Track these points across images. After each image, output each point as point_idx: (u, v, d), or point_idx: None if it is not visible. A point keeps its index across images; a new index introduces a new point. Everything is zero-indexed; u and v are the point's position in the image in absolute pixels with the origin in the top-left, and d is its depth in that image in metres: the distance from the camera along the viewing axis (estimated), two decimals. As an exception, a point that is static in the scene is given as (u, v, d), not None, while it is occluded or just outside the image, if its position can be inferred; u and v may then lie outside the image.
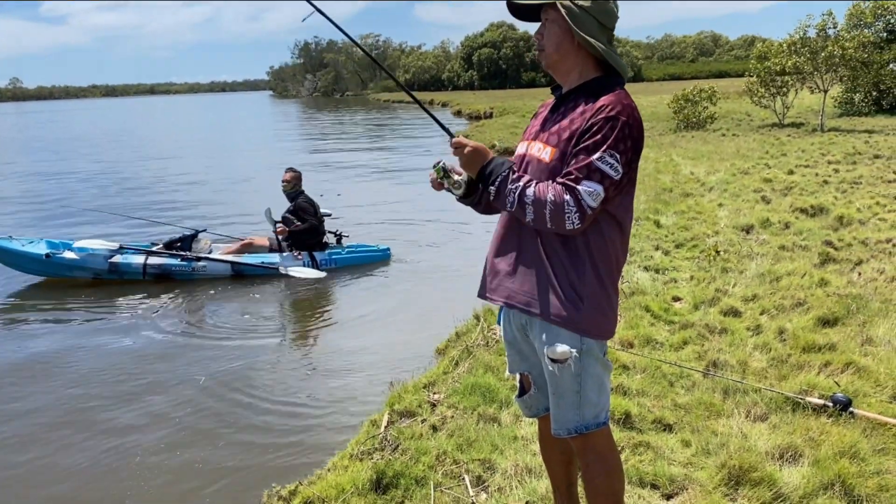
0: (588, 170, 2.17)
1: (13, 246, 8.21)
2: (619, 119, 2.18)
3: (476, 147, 2.39)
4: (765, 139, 18.12)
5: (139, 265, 8.22)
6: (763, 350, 4.70)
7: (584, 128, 2.21)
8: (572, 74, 2.38)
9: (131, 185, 16.90)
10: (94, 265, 8.18)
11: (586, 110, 2.24)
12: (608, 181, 2.17)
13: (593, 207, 2.18)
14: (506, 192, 2.28)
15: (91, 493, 4.04)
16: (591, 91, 2.30)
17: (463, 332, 5.68)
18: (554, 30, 2.36)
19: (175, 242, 8.45)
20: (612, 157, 2.17)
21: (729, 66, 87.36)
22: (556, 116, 2.38)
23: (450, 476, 3.41)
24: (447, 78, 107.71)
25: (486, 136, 23.91)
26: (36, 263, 8.18)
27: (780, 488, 3.08)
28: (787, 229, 8.18)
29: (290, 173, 8.71)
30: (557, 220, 2.19)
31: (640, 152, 2.27)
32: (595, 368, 2.37)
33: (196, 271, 8.29)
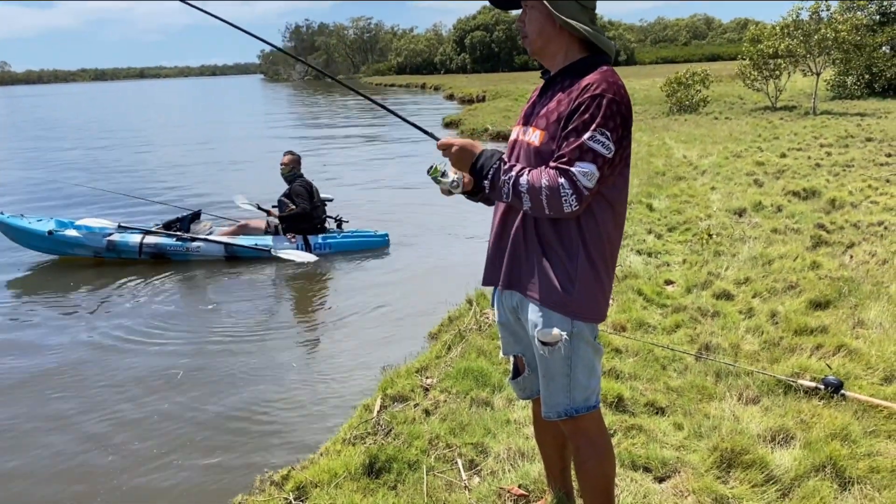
0: (580, 151, 2.15)
1: (20, 223, 8.43)
2: (605, 96, 2.15)
3: (462, 144, 2.37)
4: (757, 122, 18.12)
5: (136, 244, 8.28)
6: (755, 333, 4.72)
7: (572, 108, 2.19)
8: (558, 57, 2.36)
9: (125, 171, 16.77)
10: (93, 243, 8.28)
11: (572, 91, 2.22)
12: (601, 160, 2.15)
13: (589, 188, 2.15)
14: (500, 184, 2.26)
15: (79, 478, 4.02)
16: (576, 72, 2.28)
17: (456, 316, 5.68)
18: (535, 15, 2.34)
19: (174, 223, 8.55)
20: (603, 136, 2.15)
21: (722, 50, 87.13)
22: (544, 100, 2.36)
23: (443, 460, 3.41)
24: (439, 61, 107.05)
25: (479, 119, 23.84)
26: (40, 240, 8.35)
27: (771, 470, 3.10)
28: (779, 212, 8.19)
29: (289, 156, 8.66)
30: (555, 204, 2.16)
31: (630, 129, 2.24)
32: (585, 352, 2.37)
33: (190, 252, 8.31)
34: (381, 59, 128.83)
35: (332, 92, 66.72)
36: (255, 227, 8.65)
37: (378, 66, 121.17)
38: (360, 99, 53.30)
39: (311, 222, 8.58)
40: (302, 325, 6.67)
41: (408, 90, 63.95)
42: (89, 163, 18.79)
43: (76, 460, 4.22)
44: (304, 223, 8.52)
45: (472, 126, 22.59)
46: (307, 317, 6.93)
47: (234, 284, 7.72)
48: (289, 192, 8.54)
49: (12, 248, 8.67)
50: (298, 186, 8.48)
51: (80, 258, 8.42)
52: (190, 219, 8.67)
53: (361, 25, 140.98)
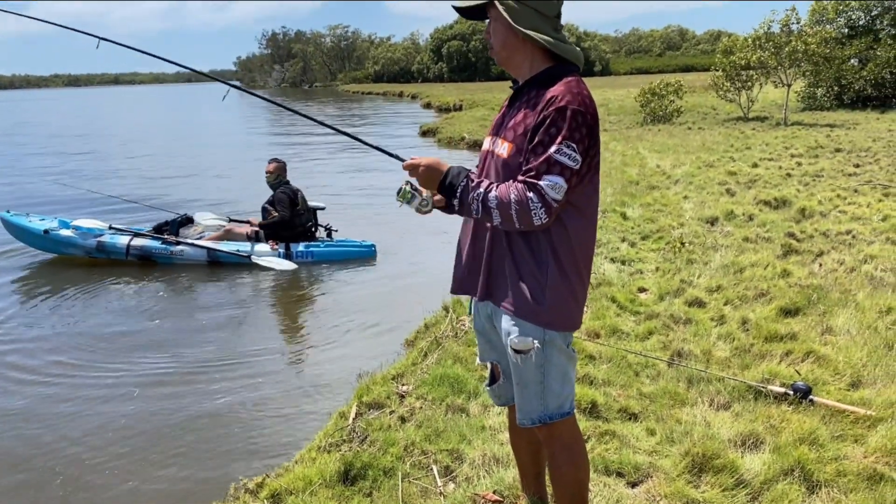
0: (547, 164, 2.16)
1: (21, 221, 8.70)
2: (569, 108, 2.17)
3: (429, 164, 2.38)
4: (730, 133, 18.38)
5: (123, 246, 8.40)
6: (727, 340, 4.79)
7: (538, 122, 2.21)
8: (523, 68, 2.37)
9: (121, 176, 16.66)
10: (84, 243, 8.44)
11: (538, 103, 2.23)
12: (569, 172, 2.17)
13: (558, 200, 2.18)
14: (469, 201, 2.27)
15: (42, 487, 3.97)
16: (541, 83, 2.29)
17: (432, 323, 5.69)
18: (497, 27, 2.36)
19: (164, 226, 8.65)
20: (570, 148, 2.16)
21: (695, 61, 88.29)
22: (512, 111, 2.37)
23: (418, 467, 3.42)
24: (416, 70, 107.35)
25: (456, 128, 23.92)
26: (38, 239, 8.61)
27: (741, 475, 3.14)
28: (750, 221, 8.31)
29: (274, 164, 8.63)
30: (524, 218, 2.18)
31: (596, 138, 2.26)
32: (558, 359, 2.39)
33: (174, 255, 8.36)
34: (358, 67, 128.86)
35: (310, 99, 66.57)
36: (239, 233, 8.64)
37: (355, 74, 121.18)
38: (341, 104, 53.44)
39: (293, 230, 8.53)
40: (277, 332, 6.65)
41: (385, 98, 64.00)
42: (83, 168, 18.63)
43: (37, 469, 4.16)
44: (285, 231, 8.48)
45: (450, 134, 22.67)
46: (282, 324, 6.92)
47: (213, 290, 7.70)
48: (272, 198, 8.51)
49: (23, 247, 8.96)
50: (281, 193, 8.45)
51: (76, 257, 8.59)
52: (180, 222, 8.72)
53: (339, 33, 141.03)
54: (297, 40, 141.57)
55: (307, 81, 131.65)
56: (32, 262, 8.76)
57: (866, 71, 24.06)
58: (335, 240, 8.86)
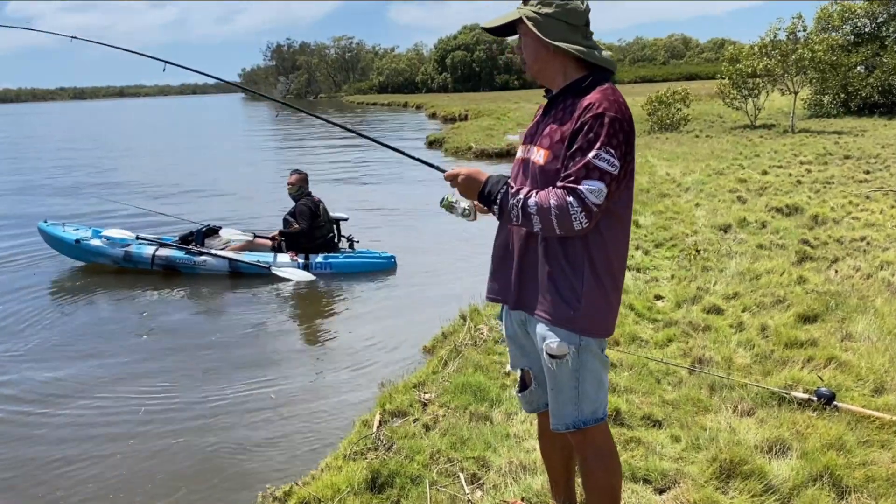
0: (587, 169, 2.19)
1: (54, 231, 8.96)
2: (607, 115, 2.20)
3: (468, 174, 2.41)
4: (738, 140, 18.38)
5: (148, 256, 8.54)
6: (746, 346, 4.79)
7: (575, 128, 2.24)
8: (557, 79, 2.40)
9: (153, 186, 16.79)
10: (112, 253, 8.64)
11: (574, 111, 2.27)
12: (608, 177, 2.19)
13: (598, 205, 2.20)
14: (508, 208, 2.29)
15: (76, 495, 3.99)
16: (577, 91, 2.32)
17: (449, 332, 5.71)
18: (527, 42, 2.40)
19: (189, 236, 8.75)
20: (608, 153, 2.19)
21: (699, 69, 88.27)
22: (547, 119, 2.40)
23: (444, 474, 3.42)
24: (421, 80, 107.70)
25: (463, 138, 23.97)
26: (70, 248, 8.84)
27: (770, 480, 3.14)
28: (763, 228, 8.31)
29: (296, 175, 8.65)
30: (565, 223, 2.20)
31: (633, 144, 2.29)
32: (593, 365, 2.40)
33: (197, 266, 8.45)
34: (362, 78, 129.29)
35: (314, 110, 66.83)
36: (262, 244, 8.69)
37: (360, 85, 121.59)
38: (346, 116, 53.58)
39: (314, 241, 8.53)
40: (294, 341, 6.65)
41: (390, 109, 64.19)
42: (111, 179, 18.84)
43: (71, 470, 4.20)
44: (306, 242, 8.48)
45: (456, 144, 22.72)
46: (299, 333, 6.93)
47: (233, 300, 7.77)
48: (293, 210, 8.54)
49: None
50: (301, 205, 8.47)
51: (106, 266, 8.78)
52: (204, 233, 8.79)
53: (343, 45, 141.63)
54: (302, 52, 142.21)
55: (312, 93, 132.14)
56: (66, 270, 8.96)
57: (873, 78, 24.04)
58: (356, 251, 8.84)
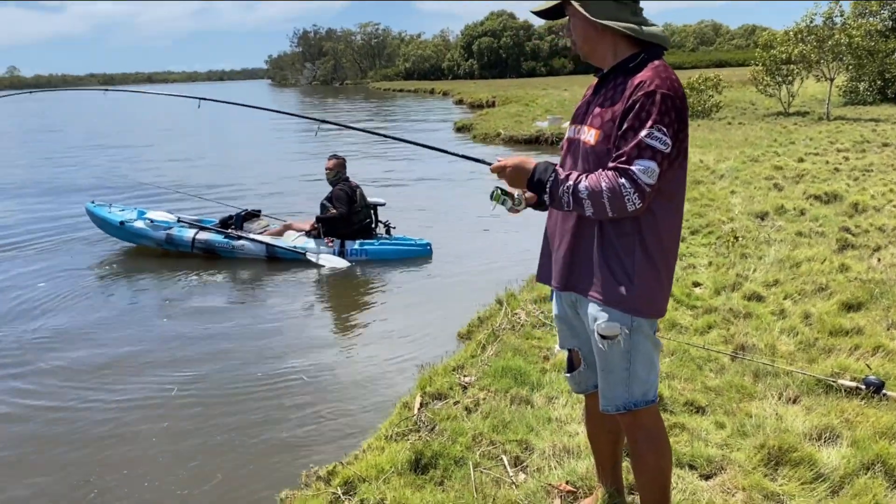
0: (638, 149, 2.15)
1: (101, 212, 9.18)
2: (658, 92, 2.16)
3: (515, 164, 2.39)
4: (771, 127, 18.10)
5: (189, 239, 8.69)
6: (790, 334, 4.71)
7: (626, 107, 2.20)
8: (607, 58, 2.36)
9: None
10: (154, 235, 8.82)
11: (625, 89, 2.23)
12: (660, 156, 2.16)
13: (651, 184, 2.16)
14: (559, 195, 2.27)
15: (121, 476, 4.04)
16: (627, 69, 2.28)
17: (486, 316, 5.70)
18: (576, 23, 2.37)
19: (228, 220, 8.84)
20: (660, 132, 2.15)
21: (730, 56, 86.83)
22: (597, 99, 2.36)
23: (488, 457, 3.42)
24: (447, 67, 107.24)
25: (491, 124, 23.87)
26: (114, 229, 9.07)
27: (820, 468, 3.09)
28: (802, 216, 8.18)
29: (333, 160, 8.63)
30: (618, 205, 2.17)
31: (686, 122, 2.25)
32: (645, 346, 2.38)
33: (236, 250, 8.56)
34: (388, 64, 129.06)
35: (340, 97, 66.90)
36: (299, 229, 8.74)
37: (385, 72, 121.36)
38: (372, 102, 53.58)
39: (350, 227, 8.51)
40: (330, 325, 6.69)
41: (416, 95, 64.06)
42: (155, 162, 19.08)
43: (116, 440, 4.27)
44: (343, 227, 8.47)
45: (485, 131, 22.63)
46: (336, 318, 6.96)
47: (269, 285, 7.84)
48: (331, 195, 8.56)
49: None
50: (339, 190, 8.46)
51: (149, 248, 8.97)
52: (243, 217, 8.86)
53: (369, 31, 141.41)
54: (328, 38, 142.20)
55: (338, 79, 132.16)
56: (112, 250, 9.24)
57: (911, 65, 23.52)
58: (393, 237, 8.82)
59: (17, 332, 6.35)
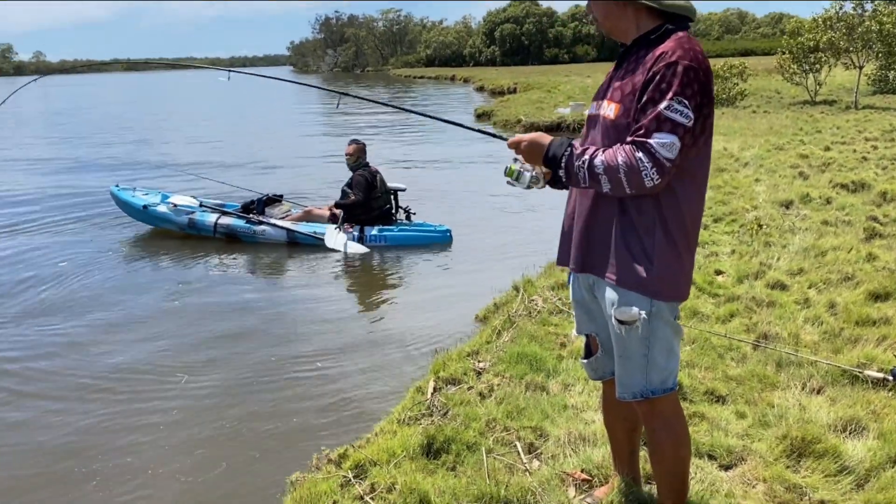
0: (657, 121, 2.06)
1: (125, 195, 9.26)
2: (680, 63, 2.06)
3: (531, 139, 2.31)
4: (797, 116, 17.79)
5: (211, 223, 8.70)
6: (814, 323, 4.59)
7: (647, 79, 2.11)
8: (630, 32, 2.28)
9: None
10: (177, 220, 8.84)
11: (647, 61, 2.14)
12: (681, 129, 2.06)
13: (671, 159, 2.07)
14: (575, 170, 2.19)
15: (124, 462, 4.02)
16: (649, 41, 2.20)
17: (502, 302, 5.62)
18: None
19: (250, 204, 8.83)
20: (681, 104, 2.05)
21: (756, 44, 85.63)
22: (619, 72, 2.28)
23: (501, 443, 3.35)
24: (468, 53, 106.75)
25: (512, 111, 23.72)
26: (138, 213, 9.11)
27: (844, 461, 2.99)
28: (828, 204, 8.01)
29: (353, 146, 8.56)
30: (635, 181, 2.08)
31: (710, 96, 2.14)
32: (664, 331, 2.29)
33: (257, 235, 8.56)
34: (410, 51, 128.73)
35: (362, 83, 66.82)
36: (319, 215, 8.70)
37: (407, 59, 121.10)
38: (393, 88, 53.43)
39: (370, 213, 8.45)
40: (346, 310, 6.62)
41: (437, 82, 63.83)
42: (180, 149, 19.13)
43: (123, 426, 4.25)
44: (363, 213, 8.41)
45: (505, 117, 22.48)
46: (351, 303, 6.92)
47: (288, 269, 7.83)
48: (350, 180, 8.49)
49: None
50: (358, 176, 8.39)
51: (172, 231, 9.00)
52: (265, 202, 8.86)
53: (391, 17, 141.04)
54: (350, 24, 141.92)
55: (359, 66, 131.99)
56: (135, 232, 9.29)
57: (943, 53, 22.95)
58: (412, 223, 8.73)
59: (24, 309, 6.42)
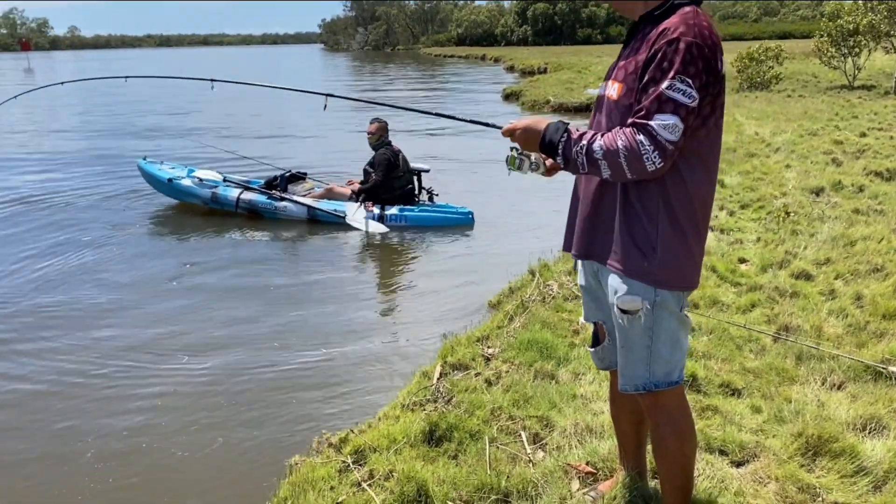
0: (659, 101, 1.95)
1: (151, 168, 9.30)
2: (682, 40, 1.95)
3: (526, 126, 2.22)
4: (834, 101, 17.30)
5: (233, 199, 8.68)
6: (839, 315, 4.43)
7: (648, 57, 2.00)
8: (637, 8, 2.18)
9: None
10: (201, 194, 8.85)
11: (650, 38, 2.03)
12: (683, 110, 1.95)
13: (673, 141, 1.96)
14: (572, 156, 2.09)
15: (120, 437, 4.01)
16: (655, 17, 2.09)
17: (517, 287, 5.51)
18: None
19: (273, 181, 8.81)
20: (683, 83, 1.94)
21: (794, 27, 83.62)
22: (626, 51, 2.18)
23: (505, 432, 3.27)
24: (500, 33, 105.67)
25: (541, 91, 23.44)
26: (163, 186, 9.14)
27: (862, 461, 2.86)
28: (860, 193, 7.75)
29: (375, 124, 8.44)
30: (636, 165, 1.98)
31: (717, 74, 2.02)
32: (669, 322, 2.18)
33: (278, 211, 8.53)
34: (441, 29, 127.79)
35: (391, 62, 66.58)
36: (341, 193, 8.62)
37: (437, 37, 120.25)
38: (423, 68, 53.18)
39: (391, 192, 8.34)
40: (361, 291, 6.55)
41: (467, 61, 63.33)
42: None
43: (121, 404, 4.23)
44: (384, 193, 8.30)
45: (534, 98, 22.21)
46: (367, 283, 6.84)
47: (306, 247, 7.80)
48: (372, 160, 8.39)
49: None
50: (380, 155, 8.28)
51: (197, 206, 9.00)
52: (288, 178, 8.82)
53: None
54: (382, 2, 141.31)
55: (390, 44, 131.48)
56: (161, 205, 9.38)
57: None
58: (435, 204, 8.59)
59: (25, 283, 6.49)
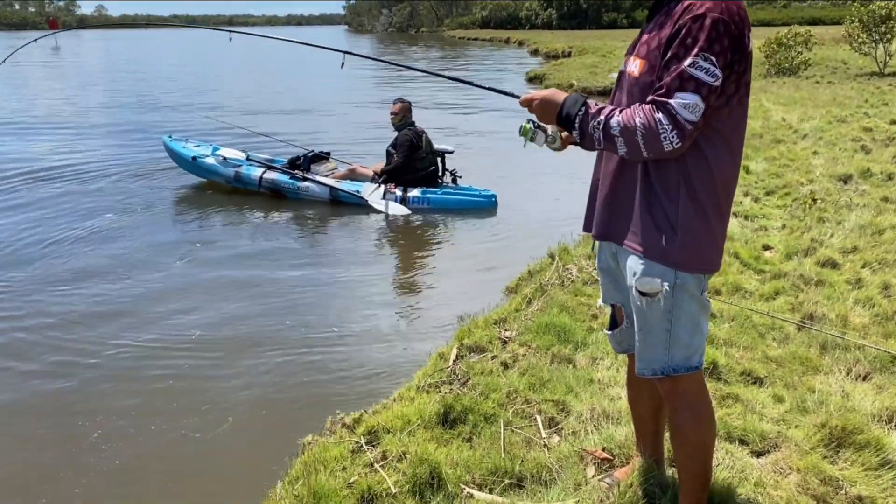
0: (680, 79, 1.89)
1: (176, 146, 9.36)
2: (708, 16, 1.88)
3: (543, 97, 2.16)
4: (864, 88, 16.94)
5: (256, 178, 8.69)
6: (865, 305, 4.33)
7: (672, 33, 1.94)
8: None
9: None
10: (224, 172, 8.87)
11: (675, 13, 1.96)
12: (706, 89, 1.89)
13: (693, 121, 1.90)
14: (589, 131, 2.04)
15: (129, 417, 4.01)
16: None
17: (536, 270, 5.45)
18: None
19: (297, 160, 8.77)
20: (707, 61, 1.88)
21: (823, 13, 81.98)
22: (649, 26, 2.10)
23: (521, 415, 3.22)
24: (525, 16, 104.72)
25: (564, 74, 23.23)
26: (187, 164, 9.21)
27: (887, 454, 2.79)
28: (889, 181, 7.57)
29: (398, 104, 8.35)
30: (653, 144, 1.92)
31: (744, 52, 1.95)
32: (689, 305, 2.12)
33: (300, 191, 8.51)
34: (465, 12, 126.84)
35: (415, 44, 66.26)
36: (363, 174, 8.57)
37: (462, 20, 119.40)
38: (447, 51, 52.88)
39: (414, 174, 8.25)
40: (380, 272, 6.51)
41: (492, 44, 62.80)
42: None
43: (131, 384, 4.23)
44: (406, 174, 8.23)
45: (557, 81, 22.01)
46: (386, 265, 6.80)
47: (327, 227, 7.78)
48: (395, 141, 8.31)
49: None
50: (403, 136, 8.19)
51: (220, 184, 9.03)
52: (311, 158, 8.78)
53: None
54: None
55: (414, 26, 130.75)
56: (185, 183, 9.42)
57: None
58: (458, 186, 8.47)
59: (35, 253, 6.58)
